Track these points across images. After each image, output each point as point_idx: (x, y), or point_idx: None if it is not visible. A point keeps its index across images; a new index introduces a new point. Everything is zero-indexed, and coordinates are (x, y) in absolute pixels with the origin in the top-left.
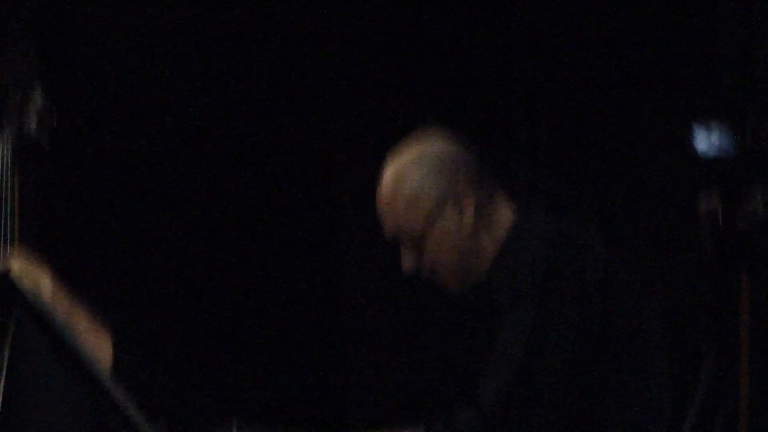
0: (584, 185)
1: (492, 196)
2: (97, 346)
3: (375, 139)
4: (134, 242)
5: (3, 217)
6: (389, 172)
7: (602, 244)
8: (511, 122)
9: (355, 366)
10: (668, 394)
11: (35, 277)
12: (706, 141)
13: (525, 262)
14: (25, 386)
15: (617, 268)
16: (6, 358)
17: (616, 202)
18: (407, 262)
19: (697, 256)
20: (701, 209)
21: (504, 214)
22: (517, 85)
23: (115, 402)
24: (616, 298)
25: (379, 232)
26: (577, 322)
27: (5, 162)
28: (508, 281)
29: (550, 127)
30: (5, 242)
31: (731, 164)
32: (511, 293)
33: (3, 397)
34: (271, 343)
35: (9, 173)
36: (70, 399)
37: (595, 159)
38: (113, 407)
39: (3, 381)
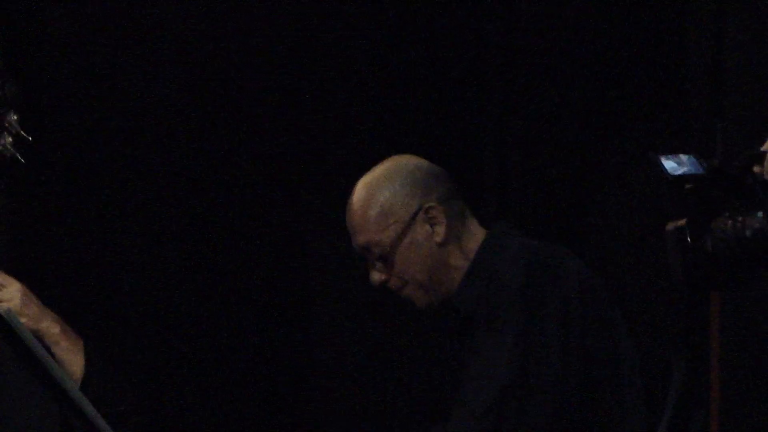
0: (554, 210)
1: (463, 214)
2: (70, 352)
3: (344, 160)
4: (108, 251)
5: None
6: (361, 186)
7: (575, 258)
8: (481, 151)
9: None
10: (642, 407)
11: (4, 286)
12: (674, 159)
13: (502, 275)
14: None
15: (593, 280)
16: None
17: (587, 222)
18: (376, 276)
19: (666, 274)
20: (669, 228)
21: (475, 231)
22: (486, 113)
23: (84, 414)
24: (593, 312)
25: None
26: (559, 333)
27: None
28: (481, 294)
29: (519, 150)
30: None
31: (699, 182)
32: (489, 306)
33: None
34: (244, 355)
35: None
36: (39, 411)
37: (564, 178)
38: (82, 419)
39: None
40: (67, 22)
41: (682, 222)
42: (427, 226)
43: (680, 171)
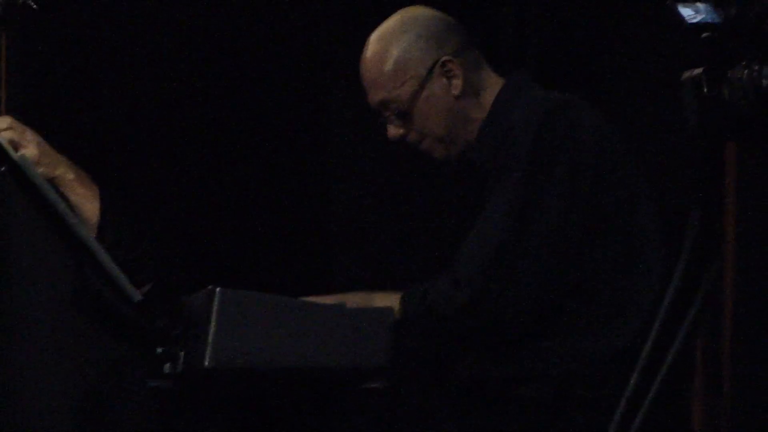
0: (572, 60)
1: (479, 64)
2: (85, 199)
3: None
4: (124, 100)
5: None
6: (374, 40)
7: (593, 109)
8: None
9: (341, 233)
10: (658, 264)
11: (19, 134)
12: (691, 6)
13: (515, 124)
14: (6, 242)
15: (610, 131)
16: None
17: (606, 72)
18: (393, 131)
19: (682, 124)
20: (685, 76)
21: (491, 82)
22: None
23: (99, 261)
24: (609, 163)
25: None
26: (568, 187)
27: None
28: (497, 145)
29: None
30: None
31: (716, 30)
32: (501, 156)
33: None
34: (257, 205)
35: None
36: (54, 259)
37: (581, 37)
38: (96, 266)
39: None
40: None
41: (698, 71)
42: (444, 80)
43: (697, 18)
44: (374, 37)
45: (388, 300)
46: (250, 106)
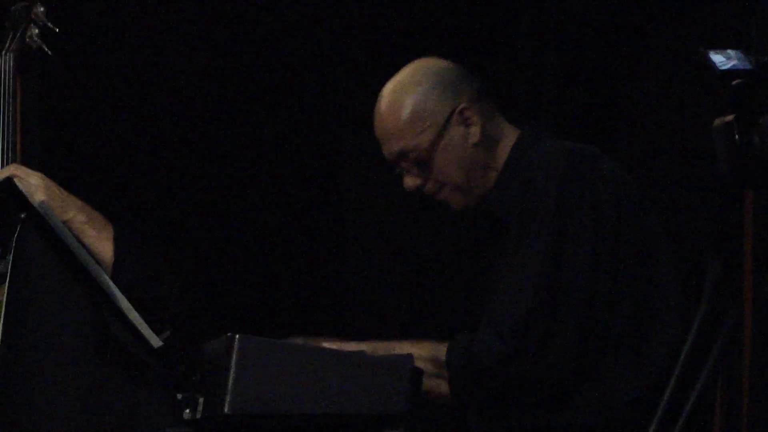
0: (588, 110)
1: (494, 113)
2: (98, 240)
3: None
4: (137, 143)
5: (5, 125)
6: (388, 91)
7: (609, 160)
8: (516, 51)
9: (355, 281)
10: (677, 312)
11: (29, 178)
12: (722, 53)
13: (537, 173)
14: (27, 289)
15: (627, 180)
16: (11, 260)
17: (621, 122)
18: (410, 182)
19: (710, 172)
20: (717, 123)
21: (507, 132)
22: (522, 11)
23: (119, 308)
24: (628, 213)
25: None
26: (595, 234)
27: (8, 70)
28: (519, 194)
29: (554, 48)
30: (8, 149)
31: (747, 77)
32: (525, 205)
33: (7, 300)
34: (274, 253)
35: (11, 81)
36: (74, 305)
37: (599, 77)
38: (117, 313)
39: (7, 283)
40: None
41: (729, 118)
42: (462, 128)
43: (728, 65)
44: (389, 88)
45: (408, 348)
46: (267, 155)
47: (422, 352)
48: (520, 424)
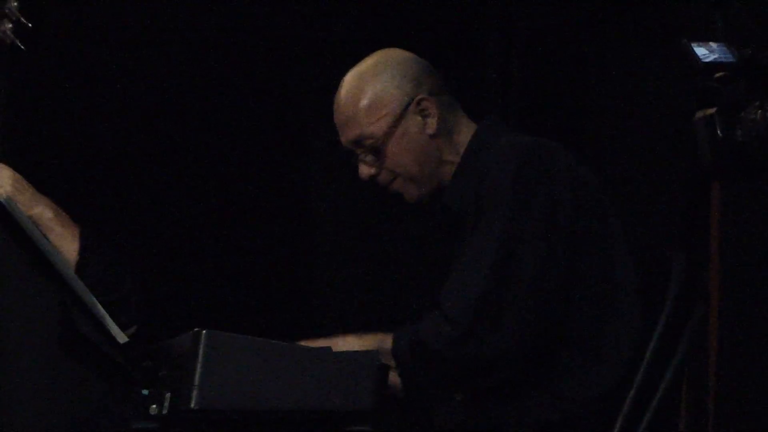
0: (555, 104)
1: (453, 107)
2: (63, 239)
3: None
4: (107, 140)
5: None
6: (349, 79)
7: (568, 152)
8: (484, 44)
9: (324, 276)
10: (636, 308)
11: None
12: (705, 46)
13: (492, 167)
14: None
15: (585, 174)
16: None
17: (585, 120)
18: (365, 170)
19: (676, 165)
20: (698, 116)
21: (465, 125)
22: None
23: (85, 303)
24: (584, 206)
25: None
26: (549, 229)
27: None
28: (474, 188)
29: (522, 42)
30: None
31: (730, 70)
32: (480, 199)
33: None
34: (241, 250)
35: None
36: (40, 300)
37: (564, 80)
38: (83, 308)
39: None
40: None
41: (711, 110)
42: (419, 118)
43: (711, 58)
44: (350, 76)
45: (353, 342)
46: (234, 149)
47: (367, 344)
48: (471, 419)
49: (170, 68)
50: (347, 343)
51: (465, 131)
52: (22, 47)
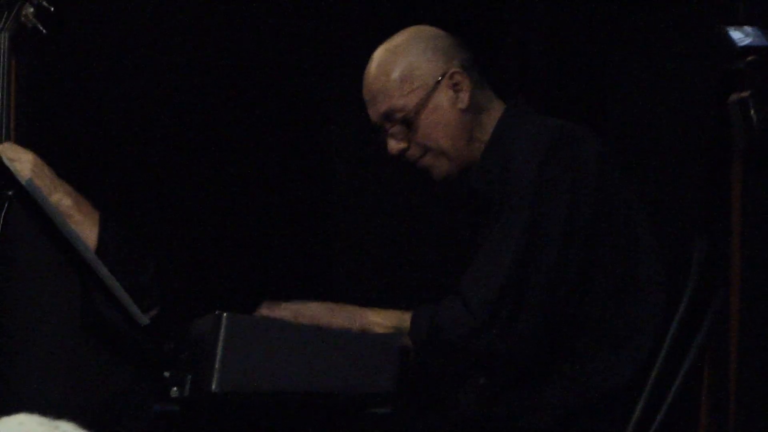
0: (576, 87)
1: (483, 84)
2: (83, 225)
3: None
4: (128, 125)
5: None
6: (380, 52)
7: (597, 139)
8: (503, 27)
9: (346, 259)
10: (660, 294)
11: (21, 157)
12: (740, 30)
13: (518, 154)
14: (15, 266)
15: (611, 162)
16: None
17: (610, 100)
18: (394, 144)
19: (699, 150)
20: (732, 99)
21: (493, 104)
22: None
23: (107, 286)
24: (609, 194)
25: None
26: (570, 219)
27: (2, 49)
28: (499, 174)
29: (542, 25)
30: (1, 128)
31: (764, 54)
32: (505, 185)
33: None
34: (263, 233)
35: (6, 60)
36: (61, 283)
37: (583, 63)
38: (104, 291)
39: None
40: None
41: (745, 94)
42: (451, 92)
43: (746, 42)
44: (380, 50)
45: (372, 317)
46: (254, 138)
47: (387, 321)
48: (492, 404)
49: (196, 53)
50: (366, 316)
51: (495, 110)
52: (44, 31)
